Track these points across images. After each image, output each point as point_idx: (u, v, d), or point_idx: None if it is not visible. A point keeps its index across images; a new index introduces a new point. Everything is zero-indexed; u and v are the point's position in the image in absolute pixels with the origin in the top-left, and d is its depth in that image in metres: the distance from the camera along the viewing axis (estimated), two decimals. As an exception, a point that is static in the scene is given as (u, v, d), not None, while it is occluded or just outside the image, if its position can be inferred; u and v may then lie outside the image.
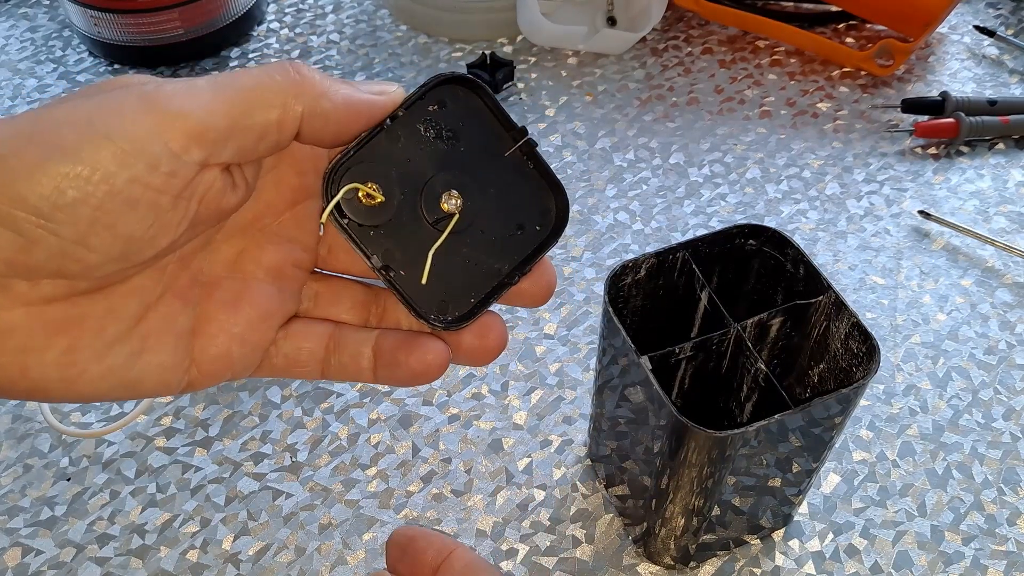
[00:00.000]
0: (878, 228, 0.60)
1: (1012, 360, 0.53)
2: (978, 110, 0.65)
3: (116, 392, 0.25)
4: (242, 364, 0.27)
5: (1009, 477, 0.47)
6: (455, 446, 0.48)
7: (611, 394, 0.42)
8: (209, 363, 0.27)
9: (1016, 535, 0.45)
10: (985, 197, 0.62)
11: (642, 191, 0.62)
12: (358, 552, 0.44)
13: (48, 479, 0.47)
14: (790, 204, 0.61)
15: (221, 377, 0.27)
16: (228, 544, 0.45)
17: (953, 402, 0.51)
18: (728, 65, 0.72)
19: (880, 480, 0.47)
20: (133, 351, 0.25)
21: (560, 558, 0.44)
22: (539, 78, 0.70)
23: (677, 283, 0.42)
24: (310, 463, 0.48)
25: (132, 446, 0.48)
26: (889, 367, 0.52)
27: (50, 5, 0.77)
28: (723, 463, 0.36)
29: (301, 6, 0.77)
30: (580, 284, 0.56)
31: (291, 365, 0.28)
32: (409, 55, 0.72)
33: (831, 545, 0.45)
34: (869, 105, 0.69)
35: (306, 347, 0.28)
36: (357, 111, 0.25)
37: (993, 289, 0.56)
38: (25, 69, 0.71)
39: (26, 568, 0.44)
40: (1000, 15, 0.77)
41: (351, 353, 0.29)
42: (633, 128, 0.67)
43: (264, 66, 0.24)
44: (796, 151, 0.65)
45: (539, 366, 0.52)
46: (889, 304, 0.55)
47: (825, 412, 0.37)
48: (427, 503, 0.46)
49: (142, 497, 0.46)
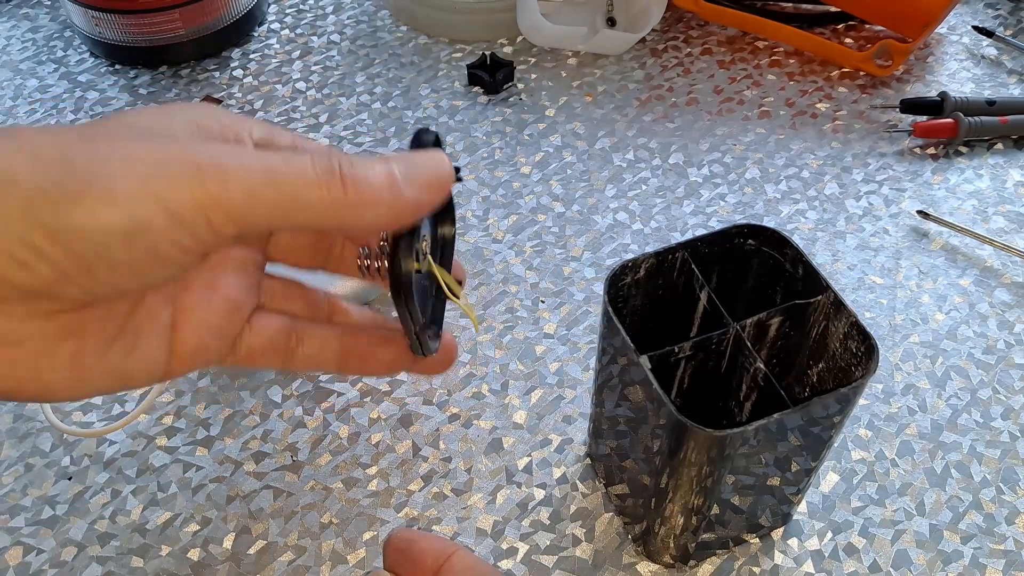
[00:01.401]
0: (877, 228, 0.60)
1: (1011, 359, 0.53)
2: (977, 110, 0.65)
3: (113, 387, 0.26)
4: (216, 354, 0.29)
5: (1008, 476, 0.48)
6: (455, 445, 0.48)
7: (611, 393, 0.42)
8: (188, 354, 0.28)
9: (1015, 534, 0.45)
10: (984, 197, 0.62)
11: (642, 191, 0.62)
12: (359, 551, 0.45)
13: (49, 478, 0.47)
14: (789, 204, 0.61)
15: (195, 367, 0.28)
16: (229, 543, 0.45)
17: (952, 401, 0.51)
18: (727, 66, 0.72)
19: (879, 479, 0.47)
20: (127, 347, 0.26)
21: (560, 557, 0.44)
22: (539, 78, 0.71)
23: (676, 283, 0.43)
24: (311, 462, 0.48)
25: (133, 445, 0.48)
26: (888, 366, 0.52)
27: (51, 5, 0.77)
28: (722, 462, 0.37)
29: (302, 7, 0.77)
30: (580, 284, 0.56)
31: (255, 355, 0.30)
32: (409, 56, 0.73)
33: (830, 544, 0.45)
34: (868, 105, 0.69)
35: (268, 337, 0.30)
36: (401, 216, 0.26)
37: (992, 289, 0.56)
38: (26, 69, 0.71)
39: (27, 567, 0.44)
40: (999, 15, 0.77)
41: (317, 345, 0.31)
42: (633, 128, 0.67)
43: (317, 164, 0.24)
44: (795, 151, 0.65)
45: (539, 365, 0.52)
46: (888, 304, 0.55)
47: (824, 411, 0.37)
48: (427, 502, 0.46)
49: (143, 496, 0.46)
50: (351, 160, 0.24)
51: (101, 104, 0.68)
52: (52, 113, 0.67)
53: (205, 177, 0.22)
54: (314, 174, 0.23)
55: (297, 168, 0.23)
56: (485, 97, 0.69)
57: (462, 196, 0.62)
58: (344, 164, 0.24)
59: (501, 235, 0.59)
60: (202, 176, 0.22)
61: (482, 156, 0.64)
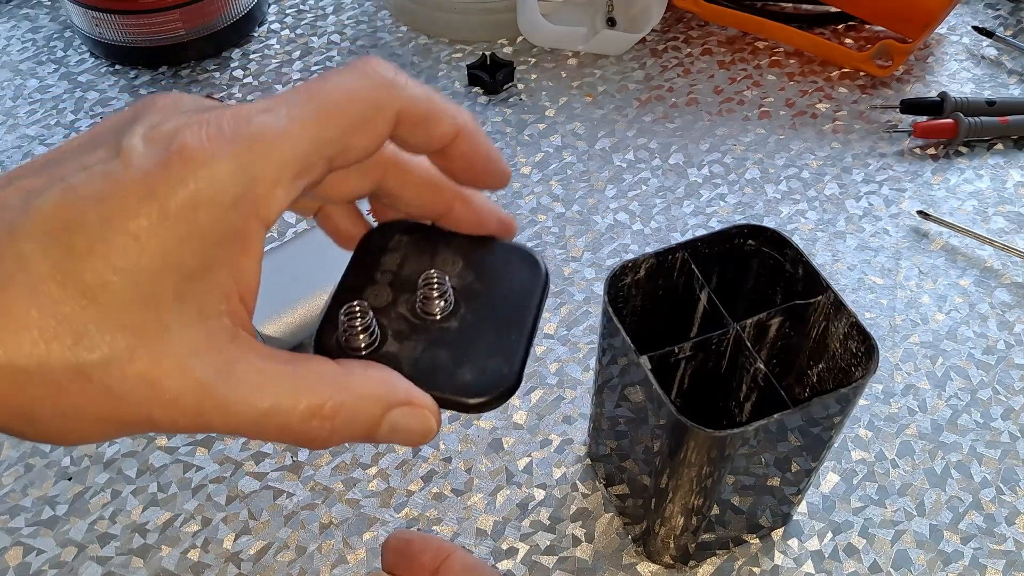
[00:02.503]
0: (877, 228, 0.60)
1: (1010, 360, 0.53)
2: (977, 110, 0.65)
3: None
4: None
5: (1008, 476, 0.48)
6: (455, 445, 0.48)
7: (611, 394, 0.42)
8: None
9: (1015, 534, 0.45)
10: (984, 197, 0.62)
11: (642, 191, 0.62)
12: (359, 551, 0.45)
13: (49, 478, 0.47)
14: (789, 204, 0.61)
15: None
16: (229, 543, 0.45)
17: (952, 402, 0.51)
18: (727, 66, 0.72)
19: (879, 479, 0.47)
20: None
21: (560, 557, 0.44)
22: (539, 79, 0.71)
23: (677, 283, 0.43)
24: (311, 462, 0.48)
25: (133, 445, 0.48)
26: (888, 367, 0.52)
27: (51, 6, 0.77)
28: (722, 462, 0.37)
29: (302, 7, 0.77)
30: (580, 284, 0.56)
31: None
32: (409, 56, 0.73)
33: (830, 544, 0.45)
34: (868, 106, 0.69)
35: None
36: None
37: (992, 289, 0.56)
38: (27, 70, 0.71)
39: (27, 567, 0.44)
40: (999, 16, 0.77)
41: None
42: (633, 129, 0.67)
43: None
44: (795, 151, 0.65)
45: (539, 366, 0.52)
46: (888, 304, 0.55)
47: (824, 411, 0.37)
48: (427, 502, 0.46)
49: (143, 496, 0.46)
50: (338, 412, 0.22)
51: (101, 104, 0.68)
52: (52, 113, 0.67)
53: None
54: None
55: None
56: (485, 97, 0.69)
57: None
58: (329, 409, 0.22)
59: (501, 235, 0.59)
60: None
61: (482, 156, 0.64)
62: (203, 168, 0.19)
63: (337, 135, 0.22)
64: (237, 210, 0.20)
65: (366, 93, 0.22)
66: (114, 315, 0.19)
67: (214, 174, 0.20)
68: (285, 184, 0.21)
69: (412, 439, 0.24)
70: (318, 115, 0.21)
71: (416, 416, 0.24)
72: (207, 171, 0.20)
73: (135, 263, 0.19)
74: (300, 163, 0.21)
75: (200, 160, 0.19)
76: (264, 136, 0.20)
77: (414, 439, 0.24)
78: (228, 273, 0.21)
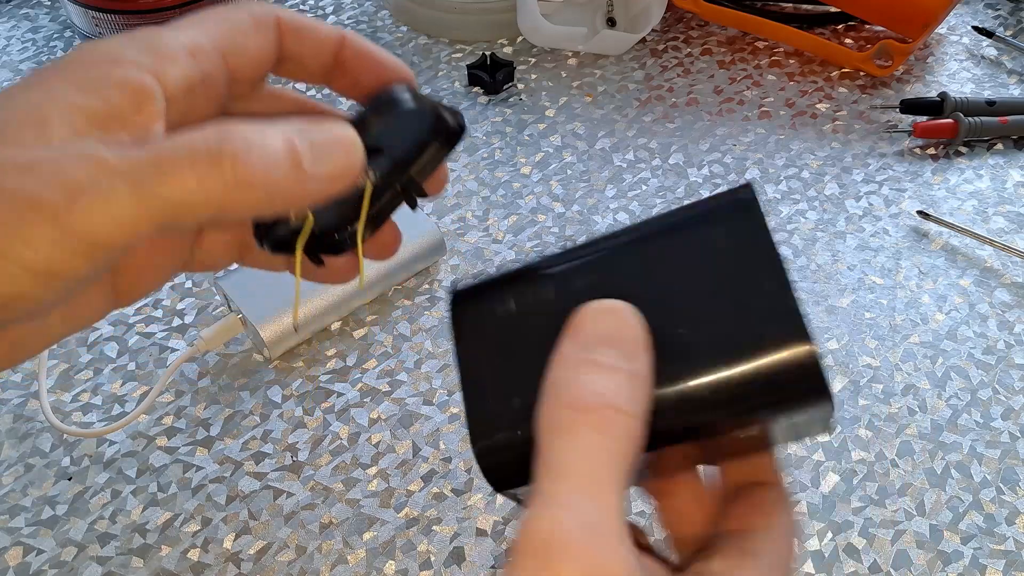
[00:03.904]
0: (877, 228, 0.60)
1: (1011, 360, 0.53)
2: (977, 110, 0.65)
3: (57, 340, 0.27)
4: (164, 282, 0.29)
5: (1008, 476, 0.48)
6: (455, 445, 0.48)
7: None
8: (136, 295, 0.28)
9: (1015, 534, 0.45)
10: (984, 197, 0.62)
11: (642, 191, 0.62)
12: (359, 551, 0.45)
13: (49, 478, 0.47)
14: (789, 204, 0.61)
15: (142, 297, 0.29)
16: (229, 543, 0.45)
17: (952, 402, 0.51)
18: (727, 66, 0.72)
19: (879, 479, 0.47)
20: (65, 316, 0.26)
21: (560, 557, 0.44)
22: (539, 79, 0.71)
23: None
24: (311, 462, 0.48)
25: (133, 445, 0.48)
26: (888, 366, 0.52)
27: (51, 6, 0.77)
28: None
29: (302, 7, 0.77)
30: (580, 284, 0.56)
31: (211, 262, 0.30)
32: (409, 56, 0.73)
33: (830, 544, 0.45)
34: (868, 106, 0.69)
35: (222, 243, 0.30)
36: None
37: (992, 289, 0.56)
38: (26, 70, 0.71)
39: (27, 567, 0.44)
40: (999, 16, 0.77)
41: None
42: (633, 129, 0.67)
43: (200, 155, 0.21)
44: (795, 151, 0.65)
45: (539, 366, 0.52)
46: (888, 304, 0.55)
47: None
48: (427, 502, 0.46)
49: (143, 496, 0.46)
50: (247, 143, 0.21)
51: (101, 104, 0.68)
52: (52, 113, 0.67)
53: (60, 219, 0.20)
54: (201, 163, 0.21)
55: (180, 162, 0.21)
56: (485, 97, 0.69)
57: (462, 196, 0.62)
58: (240, 150, 0.21)
59: (501, 235, 0.59)
60: (57, 220, 0.20)
61: (482, 156, 0.64)
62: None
63: (226, 31, 0.25)
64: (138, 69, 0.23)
65: (245, 9, 0.26)
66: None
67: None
68: (181, 59, 0.24)
69: (337, 161, 0.23)
70: (205, 23, 0.25)
71: (323, 129, 0.24)
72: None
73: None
74: (193, 44, 0.24)
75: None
76: (163, 36, 0.24)
77: (338, 161, 0.23)
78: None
